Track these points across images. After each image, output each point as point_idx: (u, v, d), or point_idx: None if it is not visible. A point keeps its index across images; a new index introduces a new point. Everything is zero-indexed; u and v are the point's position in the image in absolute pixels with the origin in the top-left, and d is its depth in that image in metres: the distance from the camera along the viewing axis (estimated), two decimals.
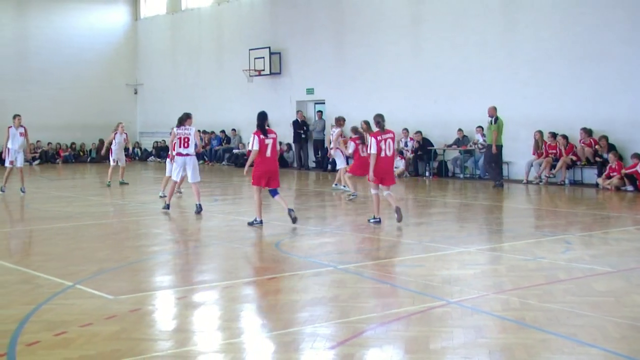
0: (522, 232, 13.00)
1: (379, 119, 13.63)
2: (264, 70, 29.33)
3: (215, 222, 14.42)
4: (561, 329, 6.86)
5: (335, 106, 27.41)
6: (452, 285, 8.68)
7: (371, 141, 13.37)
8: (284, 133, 28.76)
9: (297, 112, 28.40)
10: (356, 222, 14.35)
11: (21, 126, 19.74)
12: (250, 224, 13.60)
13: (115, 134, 22.06)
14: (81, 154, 35.05)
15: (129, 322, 7.26)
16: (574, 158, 20.99)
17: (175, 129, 15.63)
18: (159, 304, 8.26)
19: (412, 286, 8.67)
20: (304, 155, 28.31)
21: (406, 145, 24.81)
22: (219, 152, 31.33)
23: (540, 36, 21.88)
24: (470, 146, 23.14)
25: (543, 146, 21.60)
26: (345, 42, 27.16)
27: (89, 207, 17.27)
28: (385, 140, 13.41)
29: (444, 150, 24.00)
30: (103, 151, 23.21)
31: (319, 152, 27.86)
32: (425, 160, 24.26)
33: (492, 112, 20.25)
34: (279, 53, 29.26)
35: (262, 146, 13.16)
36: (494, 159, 20.51)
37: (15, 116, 19.95)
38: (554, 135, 21.34)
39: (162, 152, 33.53)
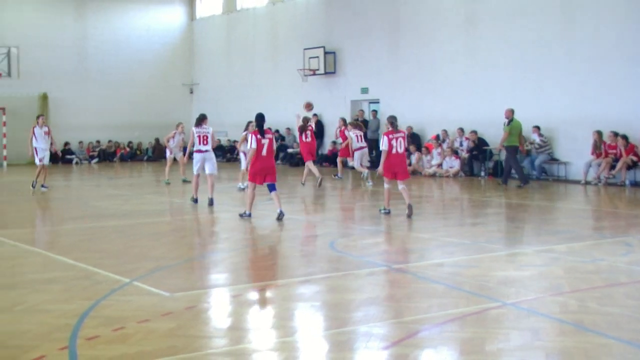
0: (580, 233, 12.78)
1: (392, 120, 14.83)
2: (318, 69, 29.37)
3: (270, 221, 14.47)
4: (622, 334, 6.72)
5: (390, 106, 27.31)
6: (508, 287, 8.58)
7: (383, 139, 14.57)
8: (338, 133, 28.71)
9: (358, 111, 28.35)
10: (411, 222, 14.28)
11: (45, 126, 20.66)
12: (241, 215, 14.50)
13: (174, 133, 22.53)
14: (138, 152, 35.53)
15: (185, 319, 7.33)
16: (635, 159, 20.57)
17: (194, 129, 16.85)
18: (214, 302, 8.33)
19: (467, 287, 8.59)
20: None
21: (461, 144, 24.59)
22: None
23: (599, 34, 21.48)
24: (527, 146, 22.83)
25: (602, 146, 21.20)
26: (400, 41, 27.04)
27: (145, 205, 17.50)
28: (397, 138, 14.51)
29: (500, 150, 23.71)
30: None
31: (374, 152, 27.79)
32: (480, 160, 24.01)
33: (509, 114, 20.76)
34: (334, 52, 29.27)
35: (259, 145, 14.07)
36: (514, 158, 20.93)
37: (39, 116, 21.05)
38: (615, 134, 20.92)
39: (217, 151, 33.78)
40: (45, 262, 10.48)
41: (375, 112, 28.26)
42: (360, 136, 22.07)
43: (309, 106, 22.42)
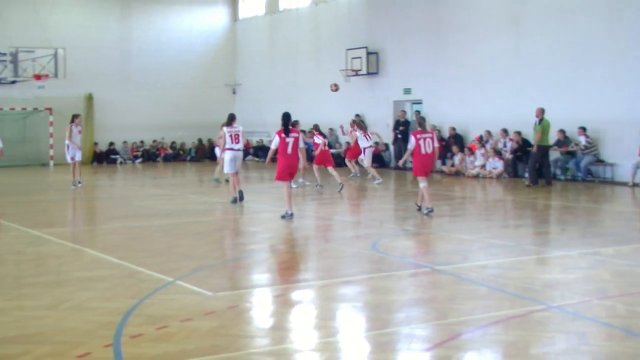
0: (628, 236, 12.56)
1: (421, 120, 15.41)
2: (361, 70, 29.31)
3: (312, 222, 14.49)
4: None
5: (433, 106, 27.17)
6: (553, 290, 8.47)
7: (411, 139, 15.10)
8: (381, 133, 28.65)
9: (400, 112, 28.23)
10: (454, 223, 14.18)
11: (80, 125, 21.74)
12: (283, 216, 14.42)
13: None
14: (181, 152, 35.80)
15: (227, 319, 7.36)
16: None
17: (225, 128, 17.30)
18: (257, 302, 8.36)
19: (511, 289, 8.50)
20: (401, 154, 28.09)
21: (505, 145, 24.34)
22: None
23: None
24: (572, 147, 22.53)
25: None
26: (443, 41, 26.87)
27: (189, 204, 17.62)
28: (425, 139, 14.93)
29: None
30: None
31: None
32: (524, 162, 23.73)
33: (539, 113, 20.83)
34: (376, 53, 29.20)
35: (283, 144, 14.36)
36: (538, 159, 20.93)
37: (77, 116, 21.88)
38: None
39: (259, 151, 33.93)
40: (90, 261, 10.61)
41: (418, 112, 28.10)
42: (368, 135, 22.01)
43: (335, 86, 23.43)
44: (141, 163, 33.52)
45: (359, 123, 24.04)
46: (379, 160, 28.39)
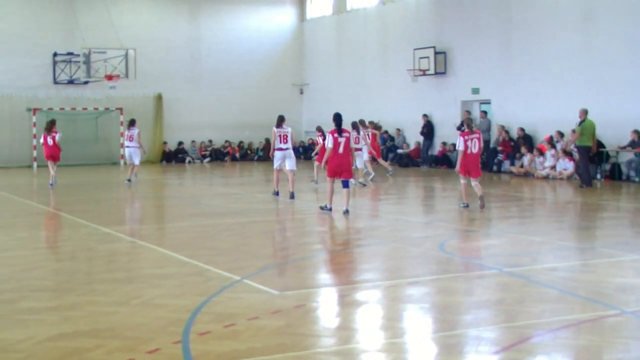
0: None
1: (469, 121, 16.09)
2: (428, 69, 29.10)
3: (379, 222, 14.46)
4: None
5: (501, 106, 26.81)
6: (627, 294, 8.25)
7: (459, 140, 15.71)
8: (449, 133, 28.42)
9: (465, 112, 27.94)
10: (523, 225, 13.97)
11: (135, 128, 22.85)
12: (322, 208, 15.28)
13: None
14: (249, 152, 36.08)
15: (294, 318, 7.38)
16: None
17: (275, 129, 18.36)
18: (323, 301, 8.36)
19: (582, 292, 8.32)
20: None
21: (575, 146, 23.83)
22: (382, 152, 31.35)
23: None
24: None
25: None
26: (512, 40, 26.49)
27: (256, 204, 17.75)
28: (472, 139, 15.57)
29: (617, 152, 22.91)
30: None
31: (484, 153, 27.36)
32: (596, 163, 23.23)
33: (582, 114, 20.61)
34: (444, 52, 28.95)
35: (336, 144, 14.96)
36: (583, 161, 20.77)
37: (132, 120, 23.28)
38: None
39: None
40: (159, 258, 10.77)
41: (484, 112, 27.78)
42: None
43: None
44: (209, 162, 33.90)
45: (363, 124, 23.56)
46: (446, 161, 28.17)
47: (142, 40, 32.66)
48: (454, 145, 28.38)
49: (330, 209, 15.13)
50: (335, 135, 15.05)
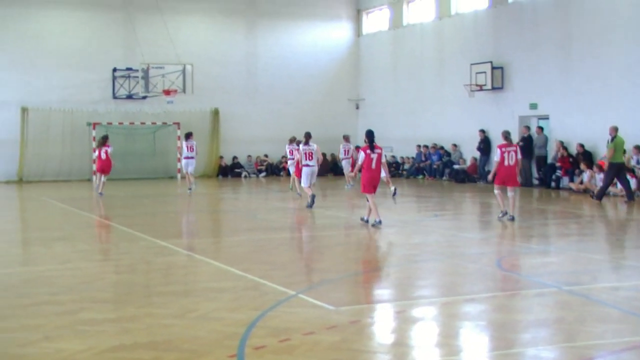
0: None
1: (506, 134, 16.65)
2: (485, 85, 28.86)
3: (435, 237, 14.34)
4: None
5: (560, 121, 26.41)
6: None
7: (496, 151, 16.52)
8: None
9: (523, 127, 27.59)
10: (582, 242, 13.72)
11: (192, 140, 24.65)
12: (373, 225, 15.32)
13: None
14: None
15: (349, 333, 7.35)
16: None
17: (301, 146, 19.58)
18: (378, 317, 8.32)
19: None
20: (524, 171, 27.44)
21: (638, 162, 23.35)
22: (438, 168, 31.18)
23: None
24: None
25: None
26: (571, 54, 26.12)
27: (311, 218, 17.76)
28: (509, 151, 16.29)
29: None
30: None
31: (541, 169, 26.97)
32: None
33: (612, 131, 20.79)
34: (501, 67, 28.68)
35: (368, 160, 15.35)
36: (612, 176, 20.81)
37: (190, 133, 25.25)
38: None
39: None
40: (215, 272, 10.85)
41: (541, 128, 27.36)
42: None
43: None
44: (265, 177, 34.07)
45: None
46: None
47: (199, 56, 33.09)
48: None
49: (380, 222, 15.29)
50: (368, 151, 15.37)
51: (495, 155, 16.57)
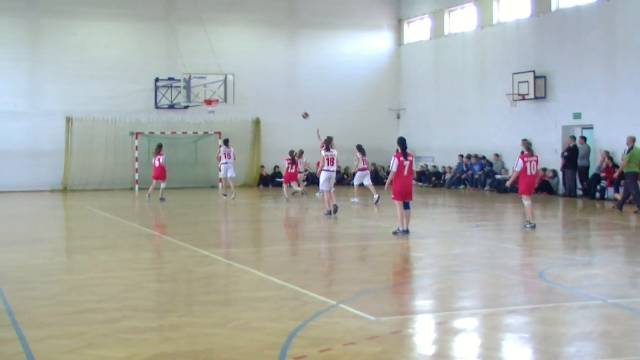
0: None
1: (528, 145, 17.09)
2: (528, 94, 28.60)
3: (477, 248, 14.21)
4: None
5: (605, 131, 26.04)
6: None
7: (518, 161, 16.83)
8: (549, 160, 27.82)
9: (569, 138, 27.24)
10: (629, 254, 13.49)
11: (230, 147, 26.40)
12: (395, 233, 15.49)
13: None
14: (345, 177, 36.14)
15: (391, 344, 7.31)
16: None
17: (323, 152, 20.18)
18: (420, 328, 8.26)
19: None
20: (569, 182, 27.13)
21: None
22: (480, 178, 30.94)
23: None
24: None
25: None
26: (616, 63, 25.77)
27: (352, 228, 17.74)
28: (531, 162, 16.72)
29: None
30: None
31: (584, 179, 26.61)
32: None
33: (630, 142, 21.11)
34: (544, 77, 28.40)
35: (401, 167, 15.41)
36: (632, 186, 20.85)
37: (228, 140, 27.13)
38: None
39: (422, 177, 33.74)
40: (256, 281, 10.86)
41: (584, 138, 26.99)
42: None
43: (306, 116, 25.62)
44: (307, 187, 34.06)
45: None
46: (546, 188, 27.54)
47: (241, 66, 33.28)
48: (554, 171, 27.83)
49: (406, 231, 15.46)
50: (401, 159, 15.47)
51: (517, 166, 16.86)
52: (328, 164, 20.10)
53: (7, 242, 15.43)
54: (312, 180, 34.84)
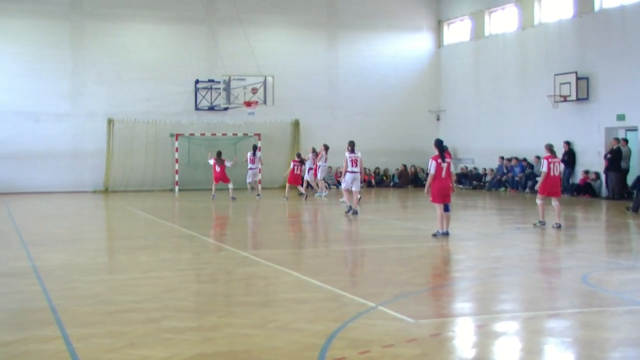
0: None
1: (550, 147, 17.66)
2: (569, 95, 28.27)
3: (517, 251, 14.07)
4: None
5: None
6: None
7: (543, 162, 17.50)
8: (591, 161, 27.49)
9: (613, 140, 26.85)
10: None
11: (258, 152, 28.46)
12: (434, 235, 15.54)
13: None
14: (384, 178, 36.07)
15: (430, 347, 7.26)
16: None
17: (347, 154, 20.70)
18: (459, 331, 8.19)
19: None
20: (612, 184, 26.72)
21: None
22: (521, 180, 30.64)
23: None
24: None
25: None
26: None
27: (392, 230, 17.68)
28: (554, 163, 17.33)
29: None
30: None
31: (627, 182, 26.19)
32: None
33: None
34: (587, 78, 28.04)
35: (439, 169, 15.35)
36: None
37: (256, 146, 28.95)
38: None
39: (462, 179, 33.52)
40: (295, 283, 10.87)
41: (625, 140, 26.57)
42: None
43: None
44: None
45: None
46: (589, 190, 27.19)
47: (280, 67, 33.39)
48: (597, 174, 27.46)
49: (445, 233, 15.46)
50: (439, 160, 15.38)
51: (543, 166, 17.46)
52: (352, 165, 20.63)
53: (51, 242, 15.65)
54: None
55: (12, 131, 31.67)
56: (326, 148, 28.06)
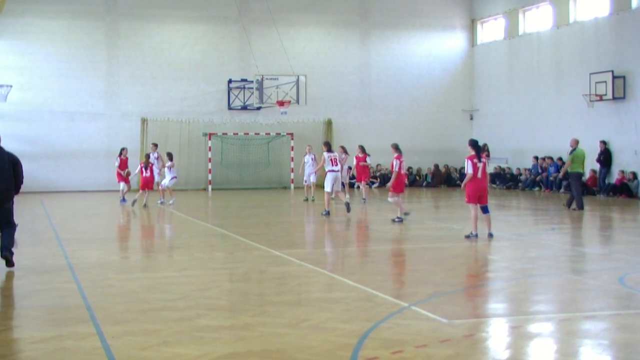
0: None
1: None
2: (605, 95, 27.95)
3: (552, 251, 13.92)
4: None
5: None
6: None
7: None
8: (628, 161, 27.16)
9: None
10: None
11: (312, 153, 26.34)
12: (467, 237, 15.31)
13: None
14: (417, 178, 35.95)
15: (463, 347, 7.21)
16: None
17: (325, 154, 20.62)
18: (493, 331, 8.12)
19: None
20: None
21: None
22: (556, 180, 30.34)
23: None
24: None
25: None
26: None
27: (425, 230, 17.60)
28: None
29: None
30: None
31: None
32: None
33: (573, 143, 22.08)
34: (623, 77, 27.70)
35: (475, 169, 15.11)
36: (574, 185, 21.76)
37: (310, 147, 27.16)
38: None
39: (496, 178, 33.29)
40: (328, 282, 10.86)
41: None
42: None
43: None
44: (377, 187, 33.98)
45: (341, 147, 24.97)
46: (625, 190, 26.86)
47: (312, 67, 33.45)
48: (634, 173, 27.11)
49: (476, 236, 15.23)
50: (475, 160, 15.19)
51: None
52: (332, 164, 20.55)
53: (86, 240, 15.80)
54: (384, 180, 34.78)
55: (48, 131, 32.07)
56: (362, 149, 25.90)
